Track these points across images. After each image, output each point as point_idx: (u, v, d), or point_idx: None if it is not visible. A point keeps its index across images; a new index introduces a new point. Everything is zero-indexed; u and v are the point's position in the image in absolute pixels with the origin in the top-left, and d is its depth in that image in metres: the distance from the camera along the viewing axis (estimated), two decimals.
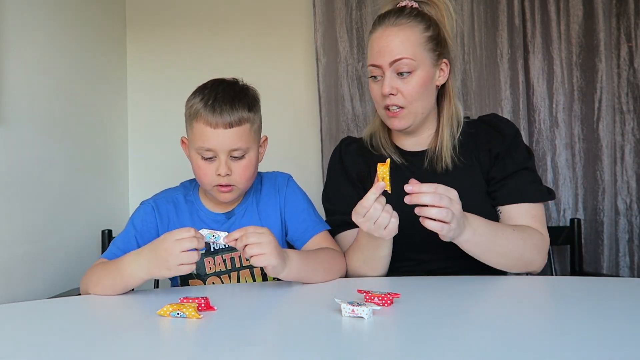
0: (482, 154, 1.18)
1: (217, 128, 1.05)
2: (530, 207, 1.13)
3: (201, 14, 1.96)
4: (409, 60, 1.09)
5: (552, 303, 0.91)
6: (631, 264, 1.75)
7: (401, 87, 1.11)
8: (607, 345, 0.63)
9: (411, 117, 1.14)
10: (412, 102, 1.12)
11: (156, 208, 1.16)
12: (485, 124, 1.21)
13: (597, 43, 1.76)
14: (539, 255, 1.08)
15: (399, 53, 1.09)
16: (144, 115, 1.96)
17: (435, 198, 0.92)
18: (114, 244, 1.12)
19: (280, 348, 0.67)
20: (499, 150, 1.16)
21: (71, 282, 1.51)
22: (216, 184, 1.08)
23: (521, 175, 1.15)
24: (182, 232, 0.91)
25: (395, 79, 1.11)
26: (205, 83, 1.14)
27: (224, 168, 1.06)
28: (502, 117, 1.25)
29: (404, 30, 1.10)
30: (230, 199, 1.13)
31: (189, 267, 0.91)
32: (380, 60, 1.11)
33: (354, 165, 1.26)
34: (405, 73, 1.10)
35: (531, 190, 1.13)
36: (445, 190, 0.93)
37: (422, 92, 1.12)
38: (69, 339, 0.72)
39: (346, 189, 1.25)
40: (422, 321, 0.76)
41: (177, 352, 0.68)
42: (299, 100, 1.95)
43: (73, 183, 1.57)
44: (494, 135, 1.18)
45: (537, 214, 1.13)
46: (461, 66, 1.83)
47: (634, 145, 1.76)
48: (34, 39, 1.40)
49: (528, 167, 1.16)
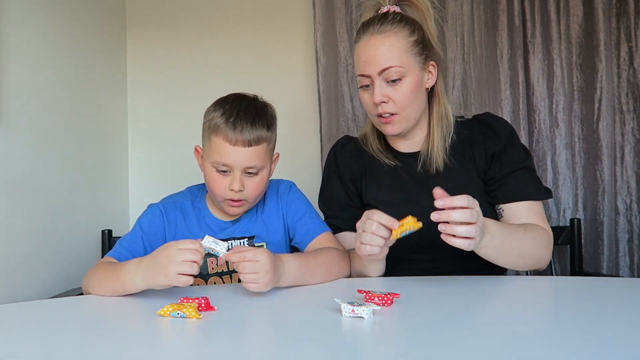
0: (478, 153, 1.17)
1: (237, 145, 1.06)
2: (532, 204, 1.14)
3: (201, 13, 1.96)
4: (398, 68, 1.09)
5: (552, 303, 0.91)
6: (631, 264, 1.75)
7: (392, 95, 1.11)
8: (607, 345, 0.63)
9: (404, 122, 1.14)
10: (404, 108, 1.12)
11: (164, 212, 1.17)
12: (480, 123, 1.21)
13: (597, 43, 1.76)
14: (547, 252, 1.09)
15: (386, 62, 1.09)
16: (144, 115, 1.96)
17: (466, 215, 0.87)
18: (120, 244, 1.13)
19: (280, 348, 0.67)
20: (495, 150, 1.16)
21: (71, 282, 1.51)
22: (228, 197, 1.10)
23: (521, 174, 1.15)
24: (187, 243, 0.90)
25: (385, 87, 1.11)
26: (225, 97, 1.14)
27: (238, 184, 1.08)
28: (496, 116, 1.25)
29: (389, 38, 1.10)
30: (239, 213, 1.16)
31: (187, 279, 0.88)
32: (368, 70, 1.11)
33: (347, 168, 1.26)
34: (395, 80, 1.10)
35: (532, 188, 1.14)
36: (474, 202, 0.89)
37: (413, 97, 1.12)
38: (69, 339, 0.72)
39: (338, 192, 1.27)
40: (422, 321, 0.76)
41: (177, 352, 0.68)
42: (299, 100, 1.95)
43: (73, 183, 1.57)
44: (489, 135, 1.18)
45: (540, 211, 1.14)
46: (461, 66, 1.83)
47: (634, 145, 1.76)
48: (34, 39, 1.40)
49: (527, 167, 1.16)
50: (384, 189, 1.22)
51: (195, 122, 1.27)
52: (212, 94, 1.18)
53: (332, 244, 1.16)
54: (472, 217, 0.87)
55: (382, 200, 1.21)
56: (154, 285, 0.91)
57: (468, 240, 0.89)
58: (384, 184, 1.22)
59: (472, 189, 1.16)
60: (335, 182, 1.27)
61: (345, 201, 1.26)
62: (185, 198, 1.22)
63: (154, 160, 1.95)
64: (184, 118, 1.85)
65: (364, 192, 1.25)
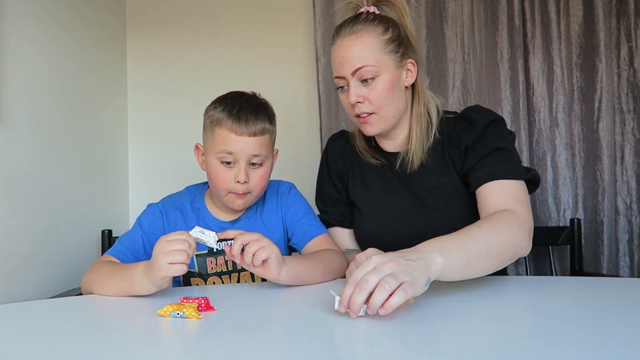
0: (452, 150, 1.14)
1: (242, 135, 1.08)
2: (504, 183, 1.03)
3: (201, 13, 1.96)
4: (370, 67, 1.08)
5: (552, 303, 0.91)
6: (631, 264, 1.75)
7: (367, 94, 1.10)
8: (607, 345, 0.63)
9: (382, 122, 1.13)
10: (381, 107, 1.11)
11: (164, 212, 1.17)
12: (462, 118, 1.17)
13: (597, 43, 1.76)
14: (520, 236, 0.95)
15: (359, 62, 1.08)
16: (144, 115, 1.96)
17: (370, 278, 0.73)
18: (120, 242, 1.13)
19: (280, 348, 0.67)
20: (468, 143, 1.11)
21: (71, 282, 1.51)
22: (233, 190, 1.10)
23: (494, 155, 1.07)
24: (174, 234, 0.90)
25: (360, 87, 1.10)
26: (224, 95, 1.16)
27: (243, 175, 1.08)
28: (480, 107, 1.17)
29: (360, 37, 1.09)
30: (244, 206, 1.15)
31: (179, 267, 0.88)
32: (342, 71, 1.10)
33: (334, 164, 1.28)
34: (369, 79, 1.09)
35: (505, 167, 1.04)
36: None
37: (389, 95, 1.11)
38: (69, 339, 0.72)
39: (328, 188, 1.29)
40: (422, 321, 0.76)
41: (177, 352, 0.68)
42: (299, 100, 1.95)
43: (73, 183, 1.57)
44: (465, 129, 1.13)
45: (515, 192, 1.02)
46: (461, 66, 1.83)
47: (634, 145, 1.76)
48: (34, 39, 1.40)
49: (503, 147, 1.08)
50: (369, 187, 1.22)
51: (195, 122, 1.28)
52: (212, 94, 1.18)
53: (329, 245, 1.16)
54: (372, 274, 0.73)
55: (366, 198, 1.21)
56: (156, 282, 0.90)
57: (399, 295, 0.72)
58: (369, 181, 1.23)
59: (449, 188, 1.14)
60: (326, 179, 1.30)
61: (335, 196, 1.28)
62: (184, 198, 1.22)
63: (154, 160, 1.95)
64: (184, 118, 1.85)
65: (350, 189, 1.26)
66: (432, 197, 1.15)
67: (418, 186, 1.17)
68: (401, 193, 1.18)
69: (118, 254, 1.09)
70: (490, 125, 1.11)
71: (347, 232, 1.28)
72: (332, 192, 1.28)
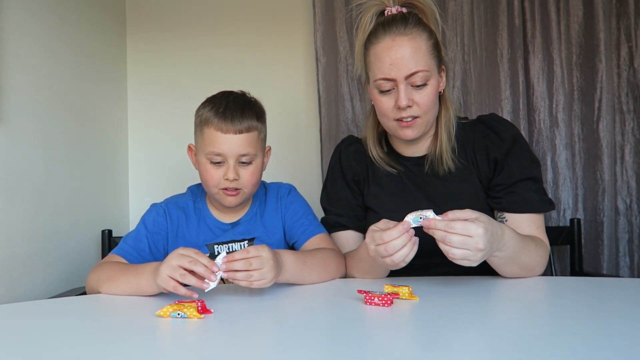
0: (480, 157, 1.16)
1: (228, 133, 1.08)
2: (535, 217, 1.12)
3: (201, 14, 1.96)
4: (424, 73, 1.07)
5: (552, 303, 0.91)
6: (631, 264, 1.75)
7: (417, 98, 1.08)
8: (607, 345, 0.63)
9: (423, 126, 1.13)
10: (427, 112, 1.11)
11: (168, 212, 1.19)
12: (484, 125, 1.19)
13: (597, 43, 1.76)
14: (544, 264, 1.09)
15: (415, 66, 1.06)
16: (144, 115, 1.96)
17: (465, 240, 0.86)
18: (125, 241, 1.14)
19: (280, 348, 0.67)
20: (497, 155, 1.14)
21: (71, 282, 1.51)
22: (222, 186, 1.11)
23: (528, 185, 1.13)
24: (190, 251, 0.89)
25: (410, 90, 1.08)
26: (214, 95, 1.18)
27: (232, 173, 1.09)
28: (501, 118, 1.23)
29: (414, 40, 1.07)
30: (236, 204, 1.15)
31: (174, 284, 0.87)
32: (394, 73, 1.07)
33: (350, 168, 1.26)
34: (420, 85, 1.08)
35: (537, 201, 1.13)
36: (475, 228, 0.87)
37: (435, 101, 1.12)
38: (69, 339, 0.72)
39: (343, 191, 1.26)
40: (422, 321, 0.76)
41: (177, 352, 0.68)
42: (299, 100, 1.95)
43: (73, 183, 1.57)
44: (492, 139, 1.16)
45: (541, 224, 1.14)
46: (461, 66, 1.83)
47: (634, 145, 1.76)
48: (34, 39, 1.40)
49: (534, 177, 1.14)
50: (386, 194, 1.22)
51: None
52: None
53: (327, 245, 1.16)
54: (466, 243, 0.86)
55: (382, 205, 1.21)
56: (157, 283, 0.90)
57: (467, 261, 0.87)
58: (385, 188, 1.22)
59: (474, 191, 1.16)
60: (340, 181, 1.27)
61: (352, 200, 1.26)
62: (187, 198, 1.23)
63: (154, 160, 1.95)
64: (184, 118, 1.84)
65: (366, 195, 1.24)
66: (448, 203, 1.14)
67: (434, 192, 1.18)
68: (417, 199, 1.18)
69: (124, 253, 1.10)
70: (517, 139, 1.15)
71: (361, 237, 1.27)
72: (349, 196, 1.25)
